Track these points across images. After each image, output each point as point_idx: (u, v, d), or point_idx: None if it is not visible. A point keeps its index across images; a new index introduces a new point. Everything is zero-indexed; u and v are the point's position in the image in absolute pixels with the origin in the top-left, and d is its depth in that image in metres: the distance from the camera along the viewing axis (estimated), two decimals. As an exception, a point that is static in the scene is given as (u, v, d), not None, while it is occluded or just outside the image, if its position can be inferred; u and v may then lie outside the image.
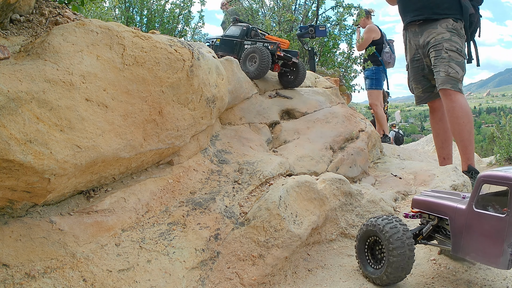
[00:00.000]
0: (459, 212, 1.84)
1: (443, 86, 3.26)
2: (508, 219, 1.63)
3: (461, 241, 1.83)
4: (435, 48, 3.33)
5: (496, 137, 6.81)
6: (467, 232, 1.81)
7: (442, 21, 3.32)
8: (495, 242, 1.69)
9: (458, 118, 3.25)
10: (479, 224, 1.75)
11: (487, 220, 1.72)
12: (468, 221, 1.80)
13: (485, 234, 1.73)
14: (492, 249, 1.70)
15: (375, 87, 6.49)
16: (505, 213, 1.65)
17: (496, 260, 1.69)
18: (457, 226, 1.85)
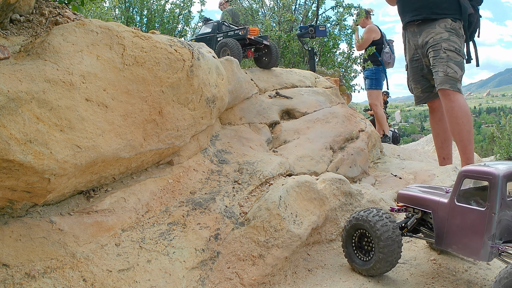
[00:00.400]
0: (442, 206, 1.91)
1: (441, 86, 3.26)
2: (488, 212, 1.69)
3: (444, 234, 1.89)
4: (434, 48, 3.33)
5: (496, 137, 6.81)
6: (449, 225, 1.87)
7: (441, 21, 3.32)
8: (475, 235, 1.74)
9: (457, 118, 3.24)
10: (460, 217, 1.81)
11: (468, 213, 1.78)
12: (450, 215, 1.86)
13: (466, 227, 1.78)
14: (473, 242, 1.75)
15: (375, 87, 6.49)
16: (485, 207, 1.71)
17: (477, 252, 1.74)
18: (440, 220, 1.92)
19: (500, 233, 1.73)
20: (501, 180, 1.68)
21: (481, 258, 1.76)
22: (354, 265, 2.14)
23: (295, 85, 3.88)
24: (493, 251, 1.73)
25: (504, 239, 1.75)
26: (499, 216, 1.69)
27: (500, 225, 1.71)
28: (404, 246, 2.42)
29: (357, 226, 2.10)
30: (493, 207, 1.69)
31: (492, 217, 1.69)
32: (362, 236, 2.11)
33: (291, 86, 3.86)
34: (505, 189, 1.70)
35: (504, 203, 1.69)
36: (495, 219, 1.69)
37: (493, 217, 1.69)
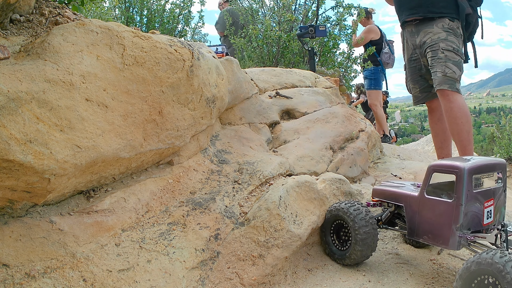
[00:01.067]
0: (412, 199, 2.04)
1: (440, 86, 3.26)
2: (455, 203, 1.81)
3: (415, 225, 2.02)
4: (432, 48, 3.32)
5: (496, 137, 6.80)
6: (420, 217, 2.00)
7: (438, 21, 3.31)
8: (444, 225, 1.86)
9: (456, 119, 3.24)
10: (430, 209, 1.94)
11: (437, 205, 1.91)
12: (421, 207, 1.99)
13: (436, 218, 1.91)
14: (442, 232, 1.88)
15: (374, 87, 6.49)
16: (453, 199, 1.83)
17: (446, 242, 1.86)
18: (411, 212, 2.05)
19: (468, 223, 1.84)
20: (466, 173, 1.79)
21: (451, 247, 1.86)
22: (330, 253, 2.27)
23: (295, 85, 3.88)
24: (461, 240, 1.84)
25: (472, 229, 1.86)
26: (466, 207, 1.81)
27: (467, 216, 1.83)
28: (404, 247, 2.42)
29: (337, 217, 2.23)
30: (459, 199, 1.80)
31: (459, 208, 1.81)
32: (341, 227, 2.24)
33: (291, 86, 3.86)
34: (470, 182, 1.81)
35: (470, 195, 1.81)
36: (462, 210, 1.80)
37: (460, 208, 1.81)
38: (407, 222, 2.08)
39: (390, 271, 2.16)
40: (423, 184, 2.00)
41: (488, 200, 1.89)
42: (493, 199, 1.92)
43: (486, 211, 1.89)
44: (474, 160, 1.92)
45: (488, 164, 1.94)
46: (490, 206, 1.90)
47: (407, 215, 2.09)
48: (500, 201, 1.99)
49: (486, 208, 1.88)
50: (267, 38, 5.58)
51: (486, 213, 1.89)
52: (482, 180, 1.91)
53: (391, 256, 2.32)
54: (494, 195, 1.94)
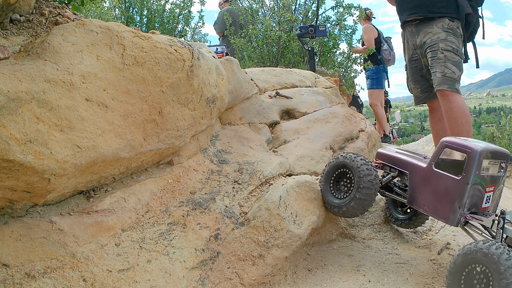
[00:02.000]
0: (419, 169, 2.06)
1: (440, 87, 3.26)
2: (462, 181, 1.84)
3: (417, 195, 2.05)
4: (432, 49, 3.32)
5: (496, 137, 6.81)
6: (424, 187, 2.02)
7: (438, 21, 3.31)
8: (447, 200, 1.90)
9: (456, 119, 3.24)
10: (436, 182, 1.97)
11: (443, 180, 1.93)
12: (426, 178, 2.01)
13: (440, 192, 1.94)
14: (444, 206, 1.92)
15: (376, 87, 6.48)
16: (460, 176, 1.86)
17: (447, 217, 1.92)
18: (416, 181, 2.07)
19: (469, 203, 1.88)
20: (478, 154, 1.82)
21: (450, 222, 1.92)
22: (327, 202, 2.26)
23: (295, 85, 3.88)
24: (461, 218, 1.89)
25: (471, 210, 1.91)
26: (471, 187, 1.84)
27: (471, 196, 1.87)
28: (403, 247, 2.42)
29: (341, 165, 2.22)
30: (468, 178, 1.83)
31: (465, 187, 1.84)
32: (342, 176, 2.23)
33: (291, 86, 3.86)
34: (480, 164, 1.84)
35: (478, 176, 1.85)
36: (468, 189, 1.84)
37: (467, 187, 1.84)
38: (409, 190, 2.10)
39: (390, 271, 2.16)
40: (432, 156, 2.01)
41: (490, 185, 1.93)
42: (494, 186, 1.96)
43: (486, 196, 1.93)
44: (485, 144, 1.94)
45: (497, 151, 1.97)
46: (491, 192, 1.95)
47: (410, 183, 2.11)
48: (499, 189, 2.04)
49: (487, 192, 1.92)
50: (267, 38, 5.58)
51: (486, 198, 1.93)
52: (489, 166, 1.94)
53: (391, 256, 2.32)
54: (496, 182, 1.97)
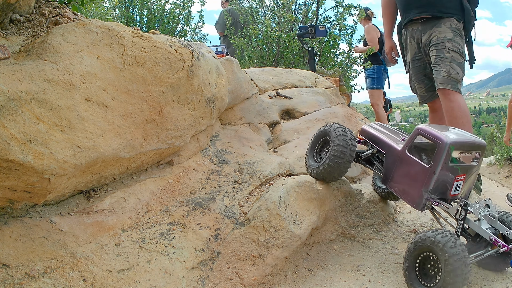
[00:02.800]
0: (394, 151, 2.15)
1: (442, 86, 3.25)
2: (430, 169, 1.93)
3: (390, 176, 2.15)
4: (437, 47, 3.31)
5: (496, 137, 6.80)
6: (396, 169, 2.12)
7: (446, 20, 3.31)
8: (416, 185, 1.99)
9: (457, 118, 3.24)
10: (407, 166, 2.06)
11: (414, 165, 2.02)
12: (399, 161, 2.10)
13: (410, 176, 2.03)
14: (412, 190, 2.01)
15: (376, 87, 6.46)
16: (429, 165, 1.94)
17: (413, 200, 2.01)
18: (390, 162, 2.16)
19: (437, 190, 1.97)
20: (447, 147, 1.89)
21: (416, 206, 2.01)
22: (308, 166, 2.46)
23: (295, 85, 3.88)
24: (427, 203, 1.98)
25: (440, 196, 2.00)
26: (438, 176, 1.92)
27: (438, 184, 1.95)
28: (403, 247, 2.42)
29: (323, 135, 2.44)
30: (435, 167, 1.91)
31: (432, 176, 1.92)
32: (325, 144, 2.43)
33: (291, 86, 3.86)
34: (449, 155, 1.90)
35: (446, 166, 1.92)
36: (434, 178, 1.92)
37: (433, 176, 1.92)
38: (384, 169, 2.20)
39: (390, 271, 2.16)
40: (407, 141, 2.09)
41: (460, 175, 2.00)
42: (465, 175, 2.02)
43: (456, 184, 2.00)
44: (457, 136, 2.01)
45: (470, 142, 2.03)
46: (461, 180, 2.01)
47: (385, 163, 2.20)
48: (471, 178, 2.10)
49: (456, 181, 2.00)
50: (267, 38, 5.58)
51: (455, 186, 2.01)
52: (461, 156, 2.02)
53: (391, 256, 2.32)
54: (467, 171, 2.03)
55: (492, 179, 5.90)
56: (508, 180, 5.93)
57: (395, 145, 2.17)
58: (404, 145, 2.10)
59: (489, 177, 5.98)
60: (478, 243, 1.97)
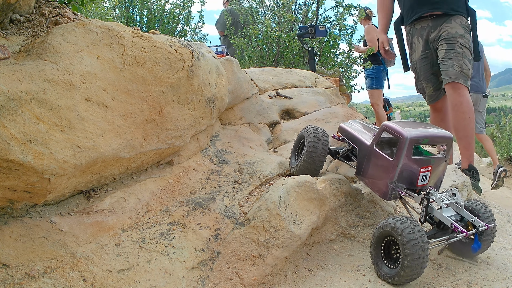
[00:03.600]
0: (365, 146, 2.32)
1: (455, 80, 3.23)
2: (394, 163, 2.08)
3: (362, 168, 2.32)
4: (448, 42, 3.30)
5: (496, 137, 6.81)
6: (367, 162, 2.29)
7: (456, 17, 3.32)
8: (382, 177, 2.15)
9: (464, 113, 3.23)
10: (375, 159, 2.22)
11: (380, 158, 2.18)
12: (369, 155, 2.27)
13: (378, 169, 2.20)
14: (380, 182, 2.17)
15: (376, 87, 6.46)
16: (393, 158, 2.09)
17: (381, 191, 2.17)
18: (362, 156, 2.34)
19: (403, 180, 2.12)
20: (408, 142, 2.03)
21: (383, 197, 2.18)
22: (290, 166, 2.61)
23: (295, 85, 3.88)
24: (393, 193, 2.14)
25: (407, 186, 2.14)
26: (402, 168, 2.07)
27: (403, 175, 2.09)
28: (404, 246, 2.42)
29: (301, 138, 2.61)
30: (398, 161, 2.07)
31: (395, 168, 2.08)
32: (302, 144, 2.61)
33: (291, 86, 3.86)
34: (410, 149, 2.04)
35: (408, 159, 2.06)
36: (397, 170, 2.07)
37: (397, 169, 2.07)
38: (357, 162, 2.38)
39: (390, 271, 2.16)
40: (375, 137, 2.25)
41: (425, 166, 2.12)
42: (431, 166, 2.14)
43: (422, 175, 2.12)
44: (419, 130, 2.14)
45: (436, 135, 2.17)
46: (427, 172, 2.13)
47: (358, 157, 2.39)
48: (439, 169, 2.22)
49: (422, 172, 2.12)
50: (267, 38, 5.58)
51: (421, 177, 2.13)
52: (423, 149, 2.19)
53: (391, 256, 2.32)
54: (433, 163, 2.15)
55: (492, 179, 5.89)
56: (508, 180, 5.93)
57: (365, 141, 2.33)
58: (372, 141, 2.26)
59: (489, 177, 5.98)
60: (443, 230, 2.09)
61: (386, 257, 2.01)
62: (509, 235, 2.62)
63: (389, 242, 1.99)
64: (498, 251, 2.32)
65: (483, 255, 2.24)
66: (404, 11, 3.65)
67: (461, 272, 2.10)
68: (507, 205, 3.77)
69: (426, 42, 3.49)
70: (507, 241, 2.51)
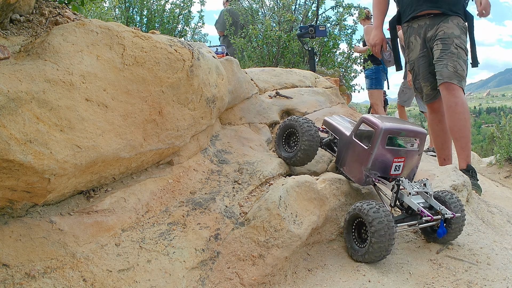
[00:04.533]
0: (345, 137, 2.53)
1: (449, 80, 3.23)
2: (369, 151, 2.30)
3: (341, 157, 2.53)
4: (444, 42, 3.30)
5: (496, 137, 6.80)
6: (345, 151, 2.50)
7: (454, 18, 3.33)
8: (358, 164, 2.37)
9: (459, 114, 3.23)
10: (353, 148, 2.43)
11: (357, 147, 2.40)
12: (347, 145, 2.48)
13: (355, 157, 2.41)
14: (355, 169, 2.40)
15: (375, 87, 6.47)
16: (368, 147, 2.31)
17: (356, 177, 2.40)
18: (341, 146, 2.55)
19: (377, 168, 2.33)
20: (382, 132, 2.25)
21: (358, 182, 2.41)
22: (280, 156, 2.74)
23: (295, 85, 3.88)
24: (368, 179, 2.36)
25: (381, 174, 2.36)
26: (375, 156, 2.28)
27: (377, 163, 2.31)
28: (404, 246, 2.42)
29: (288, 127, 2.71)
30: (372, 149, 2.28)
31: (370, 156, 2.29)
32: (291, 135, 2.73)
33: (291, 86, 3.85)
34: (384, 139, 2.26)
35: (382, 148, 2.28)
36: (371, 158, 2.29)
37: (371, 156, 2.29)
38: (337, 152, 2.60)
39: (390, 271, 2.16)
40: (354, 128, 2.46)
41: (398, 157, 2.34)
42: (404, 158, 2.36)
43: (395, 165, 2.34)
44: (394, 123, 2.36)
45: (406, 129, 2.37)
46: (400, 162, 2.35)
47: (338, 147, 2.60)
48: (412, 162, 2.43)
49: (395, 162, 2.34)
50: (267, 38, 5.58)
51: (394, 166, 2.35)
52: (397, 141, 2.37)
53: (391, 256, 2.32)
54: (406, 155, 2.37)
55: (492, 179, 5.89)
56: (508, 180, 5.93)
57: (345, 132, 2.54)
58: (351, 131, 2.46)
59: (489, 177, 5.98)
60: (411, 215, 2.27)
61: (357, 239, 2.22)
62: (509, 235, 2.62)
63: (359, 224, 2.20)
64: (498, 251, 2.32)
65: (483, 255, 2.24)
66: (402, 8, 3.64)
67: (461, 272, 2.10)
68: (507, 205, 3.76)
69: (424, 41, 3.49)
70: (507, 241, 2.51)
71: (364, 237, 2.18)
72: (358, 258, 2.17)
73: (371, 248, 2.06)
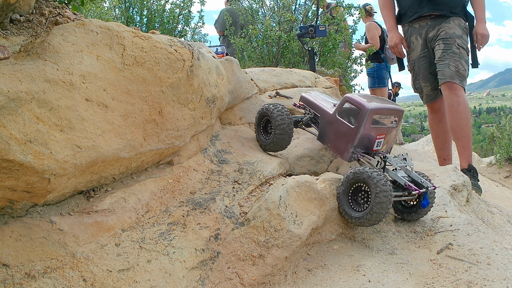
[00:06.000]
0: (327, 115, 2.62)
1: (451, 79, 3.24)
2: (355, 130, 2.40)
3: (324, 134, 2.64)
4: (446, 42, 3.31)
5: (496, 137, 6.80)
6: (329, 129, 2.59)
7: (455, 18, 3.35)
8: (344, 142, 2.47)
9: (461, 113, 3.24)
10: (337, 126, 2.52)
11: (342, 126, 2.49)
12: (331, 122, 2.57)
13: (340, 135, 2.50)
14: (341, 146, 2.49)
15: (378, 85, 6.44)
16: (354, 126, 2.41)
17: (342, 153, 2.50)
18: (324, 123, 2.64)
19: (361, 145, 2.45)
20: (369, 112, 2.34)
21: (344, 158, 2.50)
22: (260, 143, 2.84)
23: (295, 85, 3.88)
24: (353, 156, 2.46)
25: (364, 151, 2.49)
26: (361, 135, 2.39)
27: (361, 141, 2.42)
28: (404, 246, 2.42)
29: (264, 115, 2.78)
30: (359, 128, 2.38)
31: (356, 134, 2.39)
32: (267, 123, 2.80)
33: (291, 86, 3.85)
34: (370, 119, 2.36)
35: (368, 127, 2.38)
36: (358, 136, 2.39)
37: (357, 135, 2.39)
38: (320, 129, 2.68)
39: (390, 271, 2.16)
40: (337, 107, 2.55)
41: (380, 134, 2.47)
42: (385, 134, 2.49)
43: (377, 141, 2.48)
44: (378, 103, 2.45)
45: (388, 108, 2.52)
46: (381, 139, 2.49)
47: (320, 124, 2.68)
48: (390, 137, 2.57)
49: (377, 139, 2.47)
50: (267, 38, 5.58)
51: (377, 143, 2.48)
52: (381, 119, 2.51)
53: (391, 256, 2.32)
54: (387, 131, 2.51)
55: (492, 179, 5.90)
56: (508, 180, 5.93)
57: (328, 110, 2.63)
58: (335, 110, 2.56)
59: (489, 177, 5.98)
60: (396, 189, 2.34)
61: (352, 200, 2.29)
62: (509, 235, 2.62)
63: (359, 187, 2.24)
64: (498, 251, 2.32)
65: (483, 255, 2.24)
66: (403, 10, 3.66)
67: (461, 272, 2.10)
68: (507, 205, 3.76)
69: (425, 41, 3.50)
70: (507, 241, 2.51)
71: (360, 201, 2.25)
72: (351, 220, 2.27)
73: (370, 215, 2.12)
